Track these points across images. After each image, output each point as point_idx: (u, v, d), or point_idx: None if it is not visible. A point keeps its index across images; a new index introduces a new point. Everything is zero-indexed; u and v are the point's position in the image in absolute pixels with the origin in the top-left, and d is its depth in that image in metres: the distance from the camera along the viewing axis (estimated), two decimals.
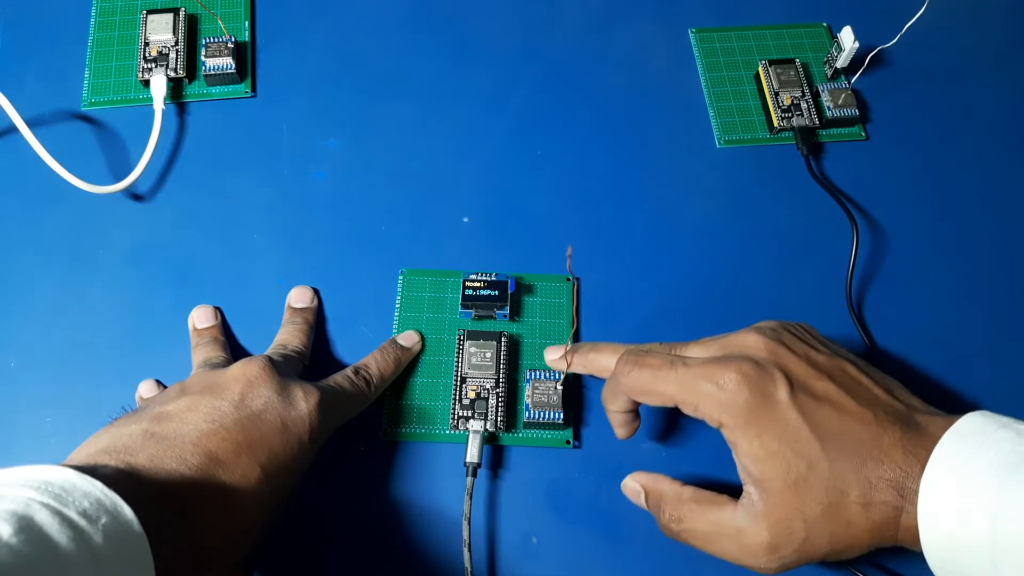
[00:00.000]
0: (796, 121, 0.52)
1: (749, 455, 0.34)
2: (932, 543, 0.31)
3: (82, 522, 0.27)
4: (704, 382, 0.35)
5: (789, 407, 0.34)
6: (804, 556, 0.34)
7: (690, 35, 0.57)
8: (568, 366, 0.43)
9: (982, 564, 0.30)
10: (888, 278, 0.49)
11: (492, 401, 0.44)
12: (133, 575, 0.29)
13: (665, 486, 0.38)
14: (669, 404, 0.37)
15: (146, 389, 0.44)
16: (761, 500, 0.34)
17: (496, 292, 0.46)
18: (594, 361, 0.42)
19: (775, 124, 0.53)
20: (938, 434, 0.32)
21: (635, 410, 0.40)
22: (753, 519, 0.34)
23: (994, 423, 0.32)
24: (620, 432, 0.41)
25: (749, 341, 0.37)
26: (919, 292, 0.49)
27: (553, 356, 0.44)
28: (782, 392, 0.34)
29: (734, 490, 0.36)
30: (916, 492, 0.32)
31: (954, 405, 0.45)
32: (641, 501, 0.39)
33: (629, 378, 0.37)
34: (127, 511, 0.29)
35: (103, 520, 0.28)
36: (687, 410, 0.36)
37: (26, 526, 0.26)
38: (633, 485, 0.39)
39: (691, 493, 0.37)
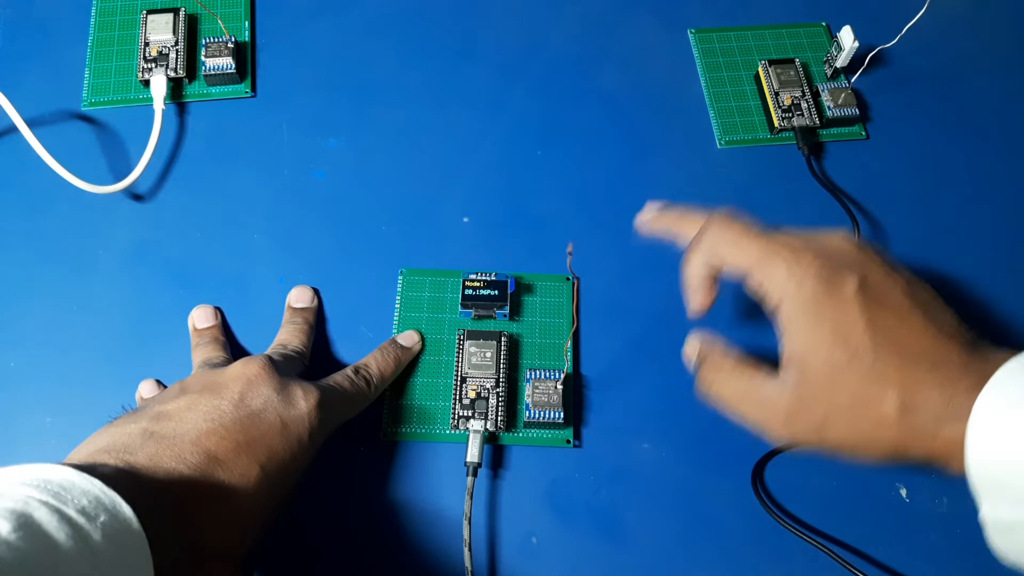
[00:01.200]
0: (796, 121, 0.52)
1: (797, 339, 0.35)
2: (980, 459, 0.30)
3: (81, 520, 0.27)
4: (782, 260, 0.35)
5: (852, 301, 0.34)
6: (819, 438, 0.34)
7: (690, 35, 0.57)
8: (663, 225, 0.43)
9: None
10: None
11: (492, 401, 0.44)
12: (131, 573, 0.29)
13: (716, 347, 0.39)
14: (742, 269, 0.37)
15: (146, 389, 0.44)
16: (794, 378, 0.35)
17: (496, 292, 0.46)
18: (680, 224, 0.42)
19: (775, 124, 0.53)
20: (1003, 360, 0.32)
21: (713, 277, 0.39)
22: (781, 391, 0.35)
23: None
24: (696, 300, 0.40)
25: (837, 242, 0.37)
26: None
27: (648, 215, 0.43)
28: (850, 287, 0.34)
29: None
30: (967, 406, 0.31)
31: None
32: (693, 361, 0.40)
33: (720, 228, 0.38)
34: (126, 509, 0.29)
35: (102, 518, 0.28)
36: (754, 280, 0.37)
37: (25, 523, 0.26)
38: (689, 347, 0.40)
39: (736, 357, 0.38)
